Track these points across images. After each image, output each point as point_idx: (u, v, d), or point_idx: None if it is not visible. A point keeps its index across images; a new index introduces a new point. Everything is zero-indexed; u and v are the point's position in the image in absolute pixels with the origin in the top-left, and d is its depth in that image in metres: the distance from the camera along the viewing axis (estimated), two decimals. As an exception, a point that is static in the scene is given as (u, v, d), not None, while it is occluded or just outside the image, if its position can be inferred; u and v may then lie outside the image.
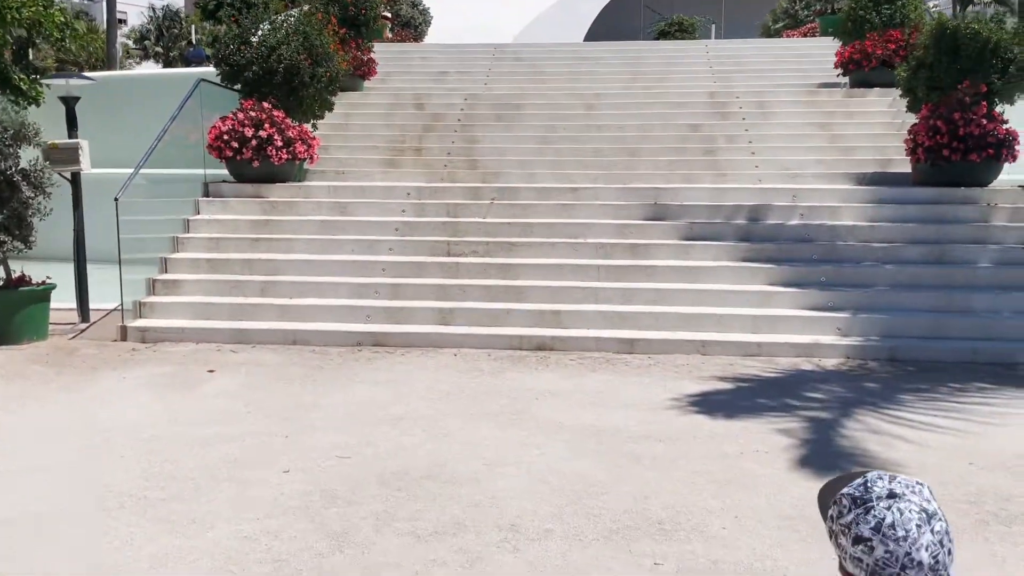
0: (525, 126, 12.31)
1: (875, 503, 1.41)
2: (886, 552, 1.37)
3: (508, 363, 7.35)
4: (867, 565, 1.39)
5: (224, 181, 10.34)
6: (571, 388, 6.60)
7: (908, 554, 1.37)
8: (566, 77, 13.99)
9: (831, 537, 1.48)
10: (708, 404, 6.22)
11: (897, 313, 7.82)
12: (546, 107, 12.69)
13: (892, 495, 1.41)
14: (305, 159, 10.48)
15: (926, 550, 1.37)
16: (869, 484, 1.44)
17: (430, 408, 6.10)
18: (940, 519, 1.40)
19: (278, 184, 10.13)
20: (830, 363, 7.35)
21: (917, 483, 1.44)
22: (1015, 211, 8.87)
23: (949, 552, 1.39)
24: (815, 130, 11.80)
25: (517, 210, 9.53)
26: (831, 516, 1.47)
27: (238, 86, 11.16)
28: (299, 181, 10.51)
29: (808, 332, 7.74)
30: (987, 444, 5.33)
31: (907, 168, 10.57)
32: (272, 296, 8.55)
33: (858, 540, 1.40)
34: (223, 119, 10.15)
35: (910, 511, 1.39)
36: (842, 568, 1.46)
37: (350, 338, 7.95)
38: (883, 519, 1.39)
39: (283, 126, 10.13)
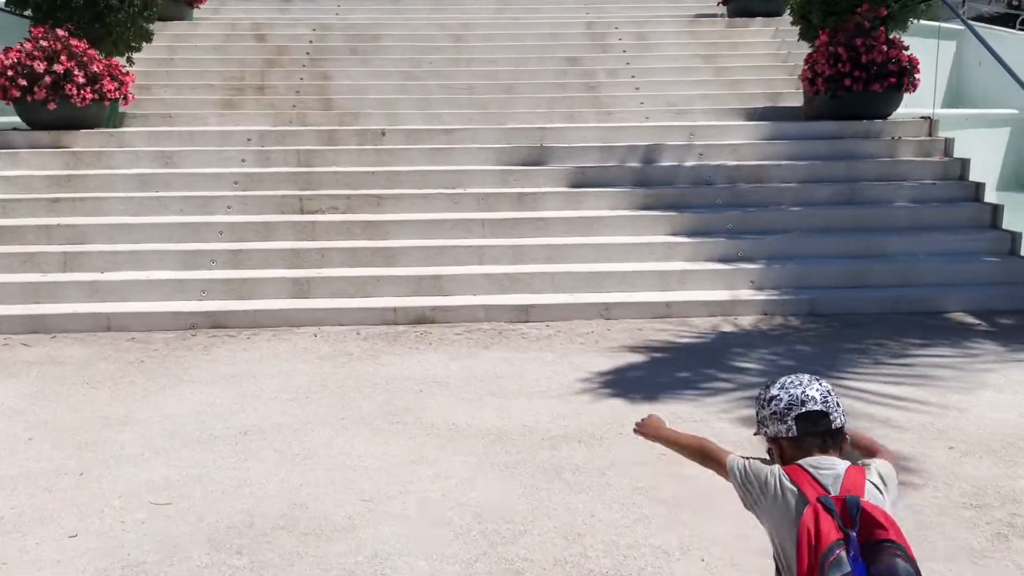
0: (385, 60, 10.70)
1: (775, 381, 2.00)
2: (789, 397, 1.93)
3: (382, 343, 5.99)
4: (779, 411, 1.93)
5: (15, 129, 8.26)
6: (462, 373, 5.33)
7: (804, 393, 1.93)
8: (428, 5, 12.40)
9: (759, 429, 2.03)
10: (625, 385, 5.12)
11: (812, 261, 6.98)
12: (408, 39, 11.08)
13: (785, 381, 1.98)
14: (118, 100, 8.51)
15: (816, 391, 1.93)
16: (767, 385, 2.01)
17: (285, 414, 4.69)
18: (825, 383, 1.97)
19: (84, 131, 8.16)
20: (747, 321, 6.43)
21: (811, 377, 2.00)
22: (920, 144, 8.21)
23: (837, 403, 1.94)
24: (700, 63, 10.84)
25: (383, 156, 8.05)
26: (758, 417, 2.02)
27: (28, 12, 8.99)
28: (113, 127, 8.55)
29: (720, 287, 6.79)
30: (961, 420, 4.49)
31: (797, 102, 9.81)
32: (78, 271, 6.75)
33: (770, 400, 1.96)
34: (5, 51, 8.03)
35: (802, 377, 1.99)
36: (771, 442, 2.00)
37: (181, 320, 6.33)
38: (784, 381, 1.98)
39: (85, 59, 8.13)
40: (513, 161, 8.04)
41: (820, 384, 1.92)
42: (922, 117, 8.53)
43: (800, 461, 1.88)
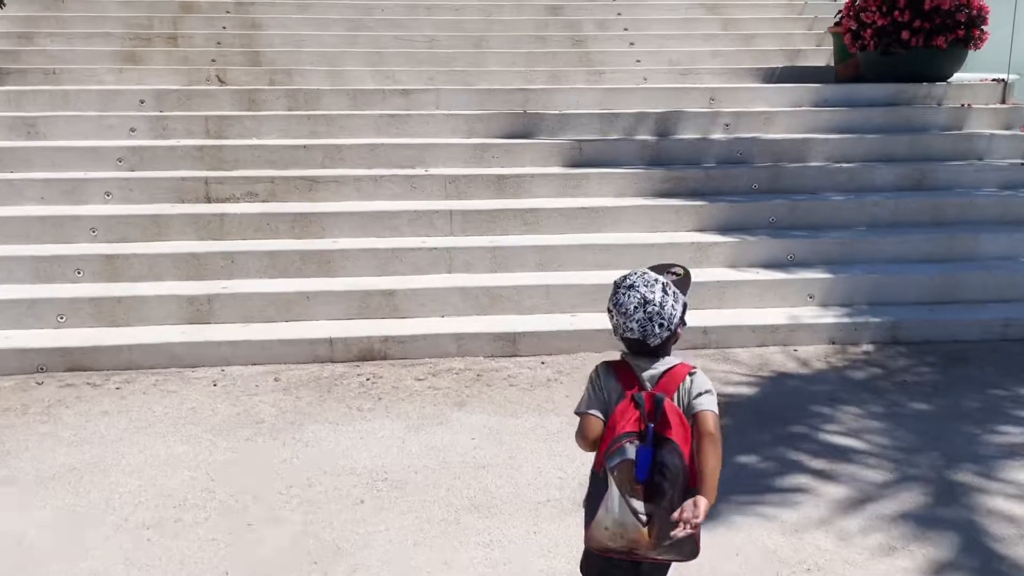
0: (329, 6, 8.59)
1: (619, 289, 1.98)
2: (616, 320, 1.98)
3: (310, 396, 4.06)
4: (612, 325, 2.01)
5: None
6: (427, 460, 3.42)
7: (626, 323, 1.96)
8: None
9: None
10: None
11: (886, 268, 5.18)
12: (356, -20, 8.96)
13: (631, 286, 1.96)
14: (-31, 48, 6.34)
15: (636, 323, 1.94)
16: (626, 276, 2.00)
17: (132, 564, 2.75)
18: (655, 304, 1.94)
19: (-80, 89, 6.01)
20: (811, 353, 4.62)
21: (655, 279, 1.98)
22: (996, 114, 6.44)
23: (660, 325, 1.95)
24: (703, 13, 8.93)
25: (320, 125, 6.02)
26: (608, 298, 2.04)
27: None
28: (-33, 84, 6.39)
29: (770, 304, 4.97)
30: None
31: (820, 61, 8.02)
32: None
33: (608, 311, 2.02)
34: None
35: (634, 296, 1.94)
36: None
37: (25, 361, 4.32)
38: (619, 299, 1.97)
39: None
40: (490, 132, 6.08)
41: (645, 310, 1.94)
42: (994, 79, 6.75)
43: (628, 357, 2.02)
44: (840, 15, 7.17)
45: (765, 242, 5.25)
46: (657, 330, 1.95)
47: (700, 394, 1.94)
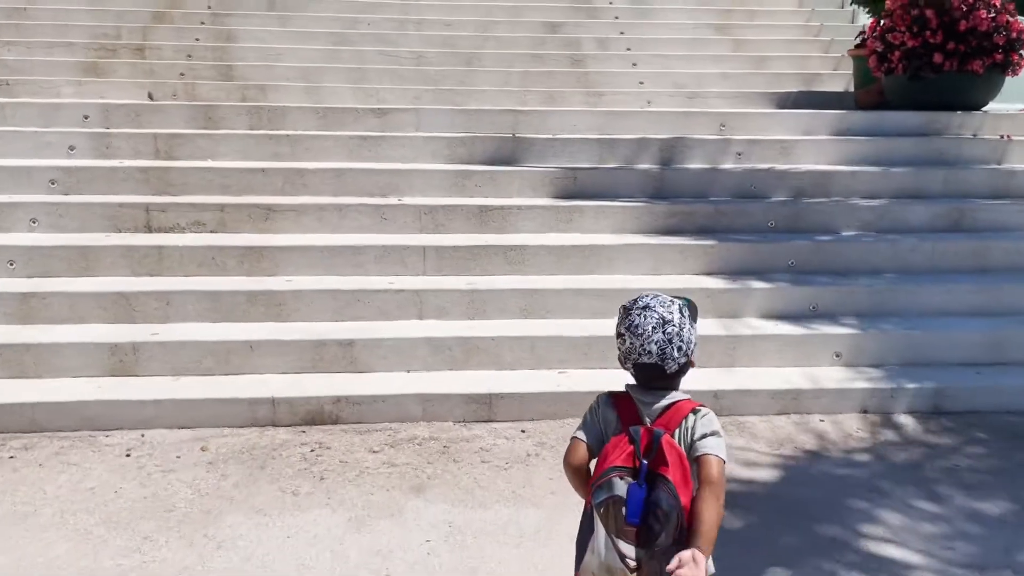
0: (311, 19, 7.95)
1: (632, 310, 1.81)
2: (630, 344, 1.80)
3: (238, 475, 3.31)
4: (622, 352, 1.83)
5: None
6: (375, 575, 2.70)
7: (642, 346, 1.78)
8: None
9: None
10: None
11: (923, 322, 4.44)
12: (342, -8, 8.32)
13: (646, 307, 1.80)
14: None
15: (655, 344, 1.77)
16: (637, 298, 1.84)
17: None
18: (674, 324, 1.78)
19: None
20: (840, 425, 3.87)
21: (671, 299, 1.83)
22: (1039, 147, 5.74)
23: (678, 348, 1.78)
24: (711, 33, 8.27)
25: (283, 145, 5.32)
26: (617, 323, 1.86)
27: None
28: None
29: (790, 362, 4.23)
30: None
31: (838, 86, 7.35)
32: None
33: (618, 336, 1.84)
34: None
35: (650, 317, 1.78)
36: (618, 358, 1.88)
37: (-95, 421, 3.60)
38: (633, 321, 1.80)
39: None
40: (473, 157, 5.38)
41: (664, 331, 1.77)
42: (1035, 109, 6.06)
43: (632, 389, 1.85)
44: (863, 36, 6.49)
45: (784, 290, 4.52)
46: (676, 354, 1.80)
47: (705, 435, 1.76)
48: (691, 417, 1.77)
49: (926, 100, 5.99)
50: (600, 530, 1.72)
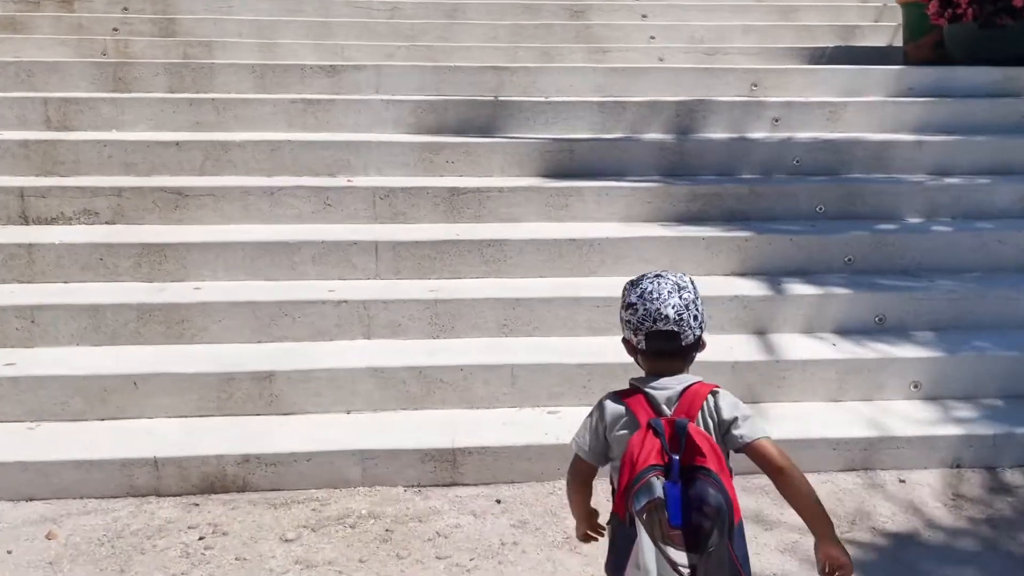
0: (268, -35, 6.78)
1: (642, 280, 1.64)
2: (644, 310, 1.60)
3: (85, 584, 2.30)
4: (633, 323, 1.61)
5: None
6: None
7: (658, 310, 1.59)
8: None
9: (621, 325, 1.68)
10: None
11: (1018, 333, 3.38)
12: (306, -65, 7.12)
13: (657, 276, 1.64)
14: None
15: (672, 308, 1.59)
16: (645, 273, 1.66)
17: None
18: (689, 291, 1.62)
19: None
20: (927, 488, 2.81)
21: (682, 275, 1.65)
22: None
23: (694, 317, 1.61)
24: (732, -19, 7.09)
25: (206, 112, 4.20)
26: (620, 307, 1.67)
27: None
28: None
29: (852, 394, 3.14)
30: None
31: (880, 40, 6.24)
32: None
33: (628, 306, 1.63)
34: None
35: (664, 283, 1.62)
36: (624, 341, 1.69)
37: None
38: (645, 288, 1.62)
39: None
40: (445, 126, 4.26)
41: (680, 296, 1.60)
42: None
43: (639, 382, 1.65)
44: (917, -22, 5.33)
45: (840, 296, 3.44)
46: (693, 322, 1.62)
47: (736, 419, 1.59)
48: (710, 399, 1.61)
49: (999, 53, 4.85)
50: (644, 540, 1.52)
